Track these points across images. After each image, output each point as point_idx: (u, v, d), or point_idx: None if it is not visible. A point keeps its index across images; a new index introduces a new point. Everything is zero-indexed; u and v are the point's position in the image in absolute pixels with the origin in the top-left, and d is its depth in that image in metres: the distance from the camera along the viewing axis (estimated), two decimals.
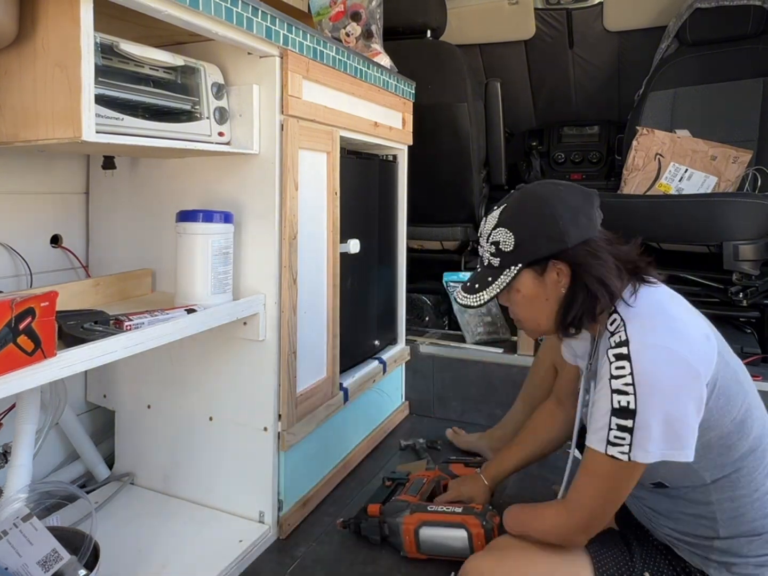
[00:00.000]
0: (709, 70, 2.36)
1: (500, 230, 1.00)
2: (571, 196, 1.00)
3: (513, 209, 1.01)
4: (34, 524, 0.98)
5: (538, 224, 0.97)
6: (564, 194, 1.00)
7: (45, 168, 1.42)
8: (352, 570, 1.23)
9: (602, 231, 1.01)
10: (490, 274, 1.02)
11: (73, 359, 0.88)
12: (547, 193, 1.01)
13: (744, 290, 1.95)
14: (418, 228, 2.44)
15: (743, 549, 0.95)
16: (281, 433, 1.32)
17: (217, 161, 1.32)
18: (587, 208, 0.99)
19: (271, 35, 1.21)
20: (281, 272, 1.29)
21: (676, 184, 2.23)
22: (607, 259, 0.97)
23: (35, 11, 0.92)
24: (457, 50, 2.25)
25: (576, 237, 0.96)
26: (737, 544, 0.96)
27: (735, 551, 0.96)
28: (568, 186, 1.03)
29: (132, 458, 1.49)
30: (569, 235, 0.96)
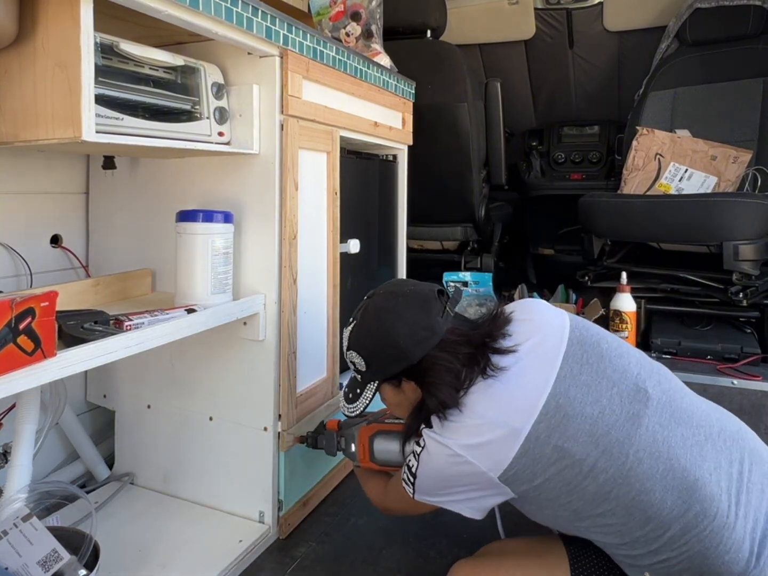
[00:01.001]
0: (709, 70, 2.36)
1: (351, 353, 1.06)
2: (408, 310, 1.01)
3: (359, 331, 1.06)
4: (34, 524, 0.98)
5: (382, 347, 1.01)
6: (401, 309, 1.01)
7: (45, 168, 1.42)
8: (352, 570, 1.23)
9: (456, 320, 1.03)
10: (358, 386, 1.09)
11: (73, 359, 0.88)
12: (383, 312, 1.03)
13: (744, 290, 1.95)
14: (418, 228, 2.44)
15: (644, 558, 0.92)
16: (281, 433, 1.32)
17: (217, 161, 1.32)
18: (425, 319, 1.00)
19: (271, 35, 1.21)
20: (281, 272, 1.29)
21: (676, 184, 2.23)
22: (448, 366, 0.97)
23: (35, 11, 0.92)
24: (457, 50, 2.25)
25: (418, 352, 0.98)
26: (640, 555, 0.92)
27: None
28: (406, 295, 1.04)
29: (132, 458, 1.49)
30: (411, 353, 0.99)
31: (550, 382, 0.94)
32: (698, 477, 0.89)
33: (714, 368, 1.80)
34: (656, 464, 0.90)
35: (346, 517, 1.42)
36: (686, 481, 0.89)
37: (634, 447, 0.90)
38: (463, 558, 1.11)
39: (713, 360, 1.88)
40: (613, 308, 1.99)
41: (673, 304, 2.13)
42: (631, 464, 0.90)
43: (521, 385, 0.95)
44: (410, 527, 1.38)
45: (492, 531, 1.37)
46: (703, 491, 0.88)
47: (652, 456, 0.90)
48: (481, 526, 1.37)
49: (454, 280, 2.22)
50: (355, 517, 1.42)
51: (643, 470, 0.89)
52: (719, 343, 1.93)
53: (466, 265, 2.53)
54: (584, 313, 2.06)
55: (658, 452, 0.90)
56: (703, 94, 2.36)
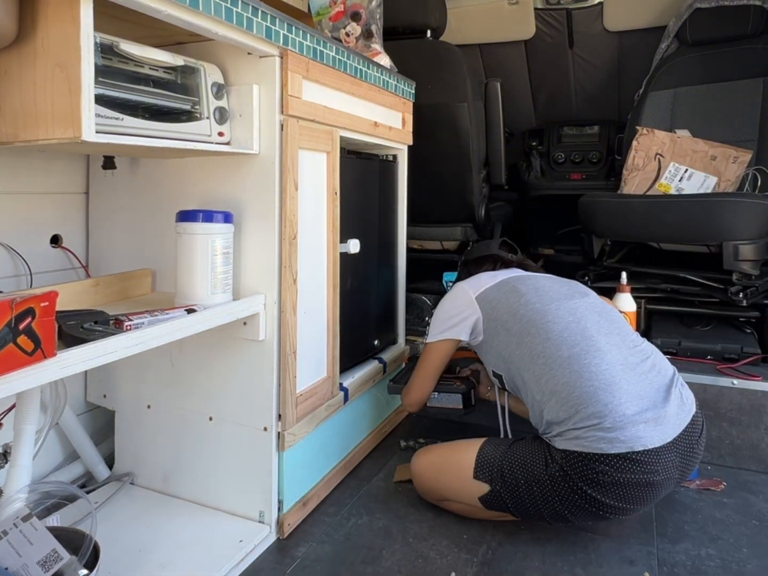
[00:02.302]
0: (709, 70, 2.36)
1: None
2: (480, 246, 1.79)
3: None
4: (34, 524, 0.98)
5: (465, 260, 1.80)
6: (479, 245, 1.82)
7: (45, 168, 1.42)
8: (352, 570, 1.23)
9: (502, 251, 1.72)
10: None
11: (73, 359, 0.88)
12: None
13: (744, 290, 1.95)
14: (418, 228, 2.44)
15: (562, 422, 1.27)
16: (281, 433, 1.32)
17: (217, 161, 1.32)
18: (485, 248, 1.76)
19: (271, 35, 1.21)
20: (281, 272, 1.29)
21: (676, 184, 2.23)
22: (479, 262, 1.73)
23: (35, 11, 0.92)
24: (457, 50, 2.24)
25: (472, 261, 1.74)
26: (556, 418, 1.27)
27: (556, 423, 1.28)
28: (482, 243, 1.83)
29: (132, 458, 1.49)
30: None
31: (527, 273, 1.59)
32: (593, 335, 1.33)
33: (714, 368, 1.80)
34: (568, 315, 1.37)
35: (346, 517, 1.42)
36: (585, 334, 1.33)
37: (558, 302, 1.41)
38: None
39: (713, 360, 1.88)
40: None
41: (673, 304, 2.13)
42: (551, 308, 1.39)
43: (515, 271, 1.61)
44: (410, 527, 1.38)
45: (492, 531, 1.37)
46: (594, 343, 1.32)
47: (568, 311, 1.39)
48: (481, 527, 1.37)
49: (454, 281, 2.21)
50: (355, 517, 1.42)
51: (558, 314, 1.37)
52: (719, 343, 1.93)
53: None
54: None
55: (574, 314, 1.38)
56: (703, 94, 2.36)
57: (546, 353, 1.33)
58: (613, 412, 1.22)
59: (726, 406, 1.71)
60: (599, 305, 1.45)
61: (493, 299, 1.47)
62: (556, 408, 1.27)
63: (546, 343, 1.34)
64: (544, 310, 1.39)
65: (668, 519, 1.43)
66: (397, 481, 1.59)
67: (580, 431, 1.23)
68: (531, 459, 1.28)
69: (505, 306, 1.44)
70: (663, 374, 1.33)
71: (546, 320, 1.37)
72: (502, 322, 1.42)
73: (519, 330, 1.39)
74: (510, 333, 1.40)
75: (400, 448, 1.78)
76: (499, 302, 1.45)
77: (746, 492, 1.57)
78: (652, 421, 1.23)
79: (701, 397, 1.47)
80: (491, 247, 1.73)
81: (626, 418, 1.22)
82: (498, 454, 1.33)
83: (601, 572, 1.23)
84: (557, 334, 1.34)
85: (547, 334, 1.34)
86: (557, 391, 1.28)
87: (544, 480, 1.25)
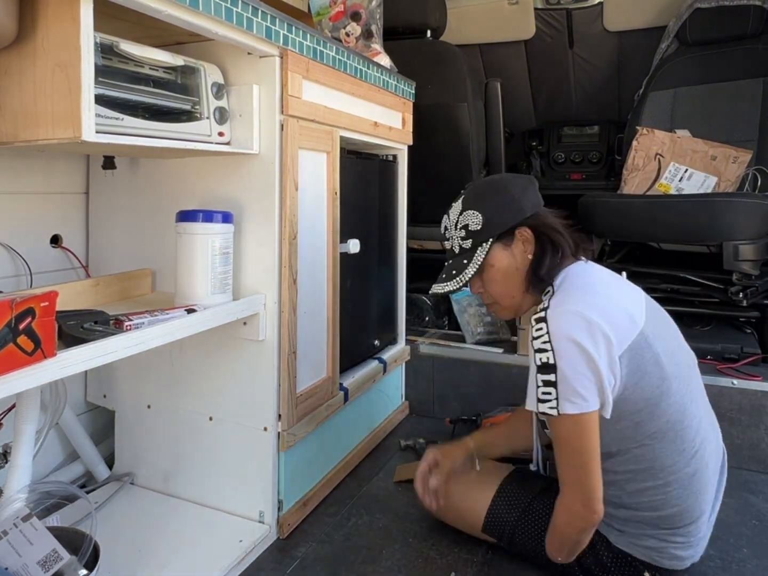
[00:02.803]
0: (709, 70, 2.36)
1: (467, 213, 1.14)
2: (518, 179, 1.18)
3: (473, 196, 1.16)
4: (34, 524, 0.98)
5: (499, 201, 1.13)
6: (512, 178, 1.19)
7: (45, 168, 1.42)
8: (352, 570, 1.23)
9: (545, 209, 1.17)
10: (465, 257, 1.15)
11: (73, 359, 0.88)
12: (498, 179, 1.22)
13: (744, 290, 1.95)
14: (418, 228, 2.43)
15: (643, 523, 1.07)
16: (281, 433, 1.32)
17: (217, 161, 1.32)
18: (532, 188, 1.16)
19: (271, 35, 1.21)
20: (281, 272, 1.29)
21: (676, 184, 2.23)
22: (556, 221, 1.14)
23: (35, 11, 0.92)
24: (457, 50, 2.24)
25: (530, 207, 1.13)
26: (638, 518, 1.07)
27: (635, 522, 1.07)
28: (512, 174, 1.23)
29: (132, 458, 1.49)
30: (525, 206, 1.13)
31: (643, 302, 1.08)
32: (707, 435, 1.09)
33: (714, 368, 1.80)
34: (696, 411, 1.07)
35: (346, 517, 1.42)
36: (704, 438, 1.07)
37: (689, 391, 1.06)
38: None
39: (713, 360, 1.88)
40: None
41: (673, 304, 2.13)
42: (687, 401, 1.05)
43: (623, 290, 1.10)
44: (410, 527, 1.38)
45: None
46: (705, 449, 1.07)
47: (696, 404, 1.08)
48: None
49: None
50: (355, 517, 1.42)
51: (691, 410, 1.06)
52: (719, 343, 1.93)
53: None
54: None
55: (697, 409, 1.08)
56: (703, 94, 2.36)
57: (675, 467, 1.05)
58: (699, 528, 1.09)
59: (726, 406, 1.71)
60: (698, 370, 1.16)
61: (637, 368, 1.01)
62: (653, 514, 1.06)
63: (680, 456, 1.05)
64: (683, 410, 1.05)
65: None
66: (398, 481, 1.59)
67: (659, 542, 1.07)
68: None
69: (647, 387, 1.02)
70: (716, 435, 1.16)
71: (683, 426, 1.05)
72: (633, 411, 1.03)
73: (651, 430, 1.04)
74: (638, 428, 1.05)
75: (400, 448, 1.78)
76: (644, 377, 1.02)
77: (746, 492, 1.57)
78: (711, 524, 1.13)
79: None
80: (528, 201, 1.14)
81: (701, 533, 1.10)
82: (511, 519, 1.19)
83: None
84: (690, 443, 1.05)
85: (683, 444, 1.05)
86: (662, 502, 1.06)
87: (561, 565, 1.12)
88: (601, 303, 1.01)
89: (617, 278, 1.14)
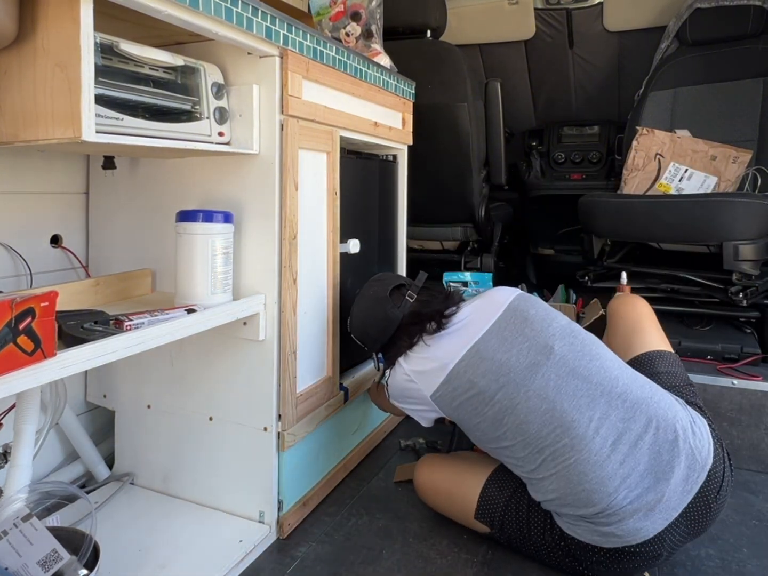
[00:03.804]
0: (709, 70, 2.36)
1: (354, 337, 1.47)
2: (370, 310, 1.39)
3: (351, 324, 1.45)
4: (34, 524, 0.98)
5: (364, 338, 1.44)
6: (366, 309, 1.40)
7: (45, 168, 1.42)
8: (352, 570, 1.23)
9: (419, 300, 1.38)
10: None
11: (73, 359, 0.88)
12: (357, 312, 1.43)
13: (744, 290, 1.95)
14: (418, 228, 2.44)
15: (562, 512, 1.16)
16: (281, 433, 1.32)
17: (217, 161, 1.32)
18: (381, 314, 1.37)
19: (271, 35, 1.21)
20: (281, 272, 1.29)
21: (676, 184, 2.23)
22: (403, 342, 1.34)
23: (35, 11, 0.92)
24: (457, 50, 2.24)
25: (384, 337, 1.37)
26: (556, 508, 1.17)
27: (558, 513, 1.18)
28: (368, 298, 1.41)
29: (132, 458, 1.49)
30: (380, 339, 1.38)
31: (479, 335, 1.25)
32: (575, 419, 1.14)
33: (714, 368, 1.80)
34: (541, 403, 1.16)
35: (346, 517, 1.42)
36: (563, 420, 1.14)
37: (525, 387, 1.18)
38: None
39: (713, 360, 1.88)
40: None
41: (673, 304, 2.13)
42: (520, 400, 1.17)
43: (459, 335, 1.28)
44: (410, 527, 1.38)
45: None
46: (575, 431, 1.13)
47: (539, 397, 1.17)
48: None
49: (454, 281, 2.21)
50: (355, 517, 1.42)
51: (528, 406, 1.17)
52: (719, 343, 1.93)
53: (466, 265, 2.53)
54: (584, 313, 2.06)
55: (546, 395, 1.17)
56: (703, 94, 2.36)
57: (528, 459, 1.17)
58: (609, 506, 1.10)
59: (726, 406, 1.71)
60: (568, 353, 1.21)
61: (452, 400, 1.24)
62: (550, 504, 1.18)
63: (526, 449, 1.17)
64: (513, 408, 1.17)
65: None
66: (397, 481, 1.59)
67: (572, 519, 1.15)
68: (534, 520, 1.21)
69: (469, 408, 1.22)
70: (664, 428, 1.14)
71: (519, 422, 1.17)
72: (472, 424, 1.24)
73: (494, 433, 1.20)
74: (484, 434, 1.23)
75: (400, 448, 1.78)
76: (461, 405, 1.23)
77: (746, 492, 1.57)
78: (654, 503, 1.09)
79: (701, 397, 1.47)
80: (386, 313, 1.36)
81: (623, 510, 1.09)
82: (501, 500, 1.25)
83: None
84: (534, 436, 1.15)
85: (525, 438, 1.16)
86: (548, 492, 1.16)
87: (541, 544, 1.21)
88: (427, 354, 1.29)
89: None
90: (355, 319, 1.42)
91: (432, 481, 1.39)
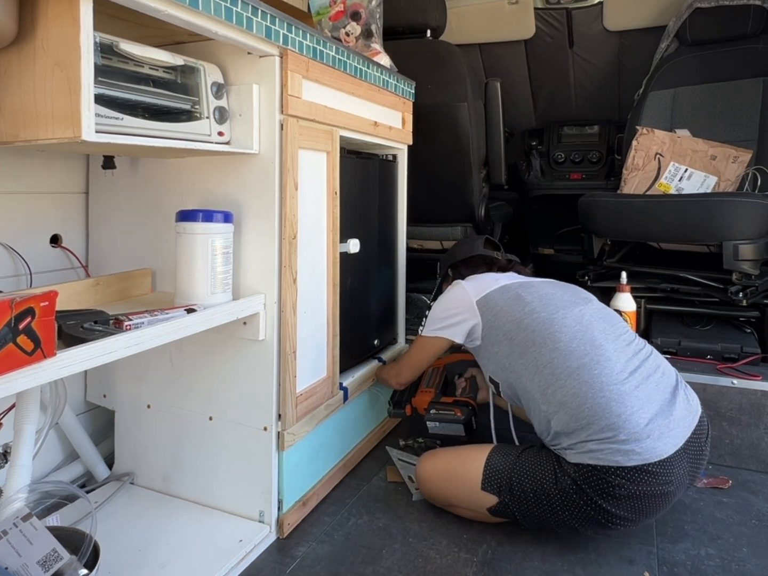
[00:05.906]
0: (708, 69, 2.36)
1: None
2: (464, 243, 1.76)
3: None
4: (34, 524, 0.98)
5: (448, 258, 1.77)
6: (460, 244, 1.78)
7: (45, 168, 1.42)
8: (352, 570, 1.23)
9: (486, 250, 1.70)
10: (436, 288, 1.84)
11: (73, 359, 0.88)
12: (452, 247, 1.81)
13: (744, 290, 1.95)
14: (418, 228, 2.44)
15: (573, 433, 1.25)
16: (281, 433, 1.32)
17: (216, 161, 1.32)
18: (469, 246, 1.72)
19: (271, 35, 1.21)
20: (281, 272, 1.29)
21: (676, 184, 2.23)
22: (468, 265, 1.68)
23: (35, 11, 0.92)
24: (457, 50, 2.24)
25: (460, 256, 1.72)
26: (566, 429, 1.26)
27: (566, 434, 1.26)
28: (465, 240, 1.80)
29: (132, 458, 1.49)
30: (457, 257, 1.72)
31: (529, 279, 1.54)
32: (602, 343, 1.31)
33: (714, 368, 1.80)
34: (575, 324, 1.35)
35: (346, 516, 1.43)
36: (593, 341, 1.31)
37: (564, 311, 1.38)
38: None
39: (713, 360, 1.88)
40: (613, 308, 1.98)
41: (673, 304, 2.13)
42: (558, 317, 1.36)
43: (518, 278, 1.54)
44: (410, 527, 1.38)
45: (492, 530, 1.37)
46: (601, 350, 1.30)
47: (575, 319, 1.36)
48: (481, 527, 1.37)
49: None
50: (355, 517, 1.43)
51: (564, 323, 1.35)
52: (719, 342, 1.93)
53: None
54: None
55: (581, 320, 1.36)
56: (703, 93, 2.36)
57: (553, 363, 1.29)
58: (627, 423, 1.20)
59: (726, 405, 1.72)
60: (603, 311, 1.43)
61: (495, 305, 1.43)
62: (565, 419, 1.25)
63: (554, 353, 1.30)
64: (550, 320, 1.35)
65: (668, 518, 1.43)
66: (391, 481, 1.59)
67: (593, 443, 1.21)
68: (540, 472, 1.27)
69: (509, 314, 1.40)
70: (668, 375, 1.33)
71: (553, 330, 1.33)
72: (504, 331, 1.39)
73: (523, 340, 1.35)
74: (513, 342, 1.37)
75: (399, 448, 1.78)
76: (502, 309, 1.41)
77: (746, 492, 1.57)
78: (665, 428, 1.22)
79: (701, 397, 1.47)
80: (475, 246, 1.69)
81: (640, 428, 1.20)
82: (506, 465, 1.31)
83: (601, 572, 1.23)
84: (565, 344, 1.31)
85: (555, 344, 1.31)
86: (567, 402, 1.26)
87: (554, 494, 1.24)
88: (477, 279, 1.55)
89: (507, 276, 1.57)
90: (449, 251, 1.78)
91: (434, 467, 1.42)
